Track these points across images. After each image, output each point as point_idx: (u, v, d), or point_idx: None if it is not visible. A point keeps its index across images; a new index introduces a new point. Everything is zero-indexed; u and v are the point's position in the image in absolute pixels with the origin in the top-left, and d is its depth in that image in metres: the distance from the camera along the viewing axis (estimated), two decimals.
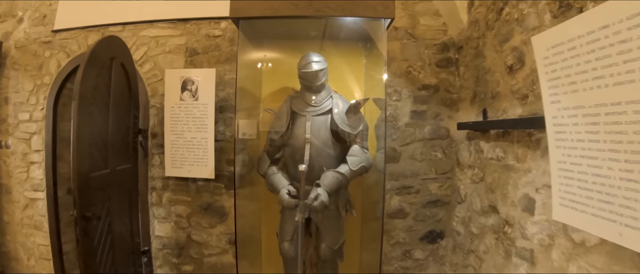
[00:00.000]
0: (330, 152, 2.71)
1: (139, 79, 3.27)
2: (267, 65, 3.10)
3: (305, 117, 2.71)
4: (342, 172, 2.60)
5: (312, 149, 2.66)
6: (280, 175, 2.71)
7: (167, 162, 3.17)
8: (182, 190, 3.27)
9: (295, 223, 2.64)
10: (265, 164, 2.77)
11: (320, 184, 2.57)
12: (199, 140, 3.13)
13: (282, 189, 2.60)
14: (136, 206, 3.13)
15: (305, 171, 2.51)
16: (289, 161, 2.78)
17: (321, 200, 2.51)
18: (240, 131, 2.86)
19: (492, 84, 2.53)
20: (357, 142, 2.71)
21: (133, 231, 3.03)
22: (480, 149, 2.70)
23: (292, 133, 2.74)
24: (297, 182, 2.63)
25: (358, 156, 2.66)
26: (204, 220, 3.26)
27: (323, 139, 2.69)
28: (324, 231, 2.72)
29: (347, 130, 2.67)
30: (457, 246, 3.05)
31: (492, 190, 2.51)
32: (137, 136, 3.11)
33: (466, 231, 2.89)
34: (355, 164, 2.64)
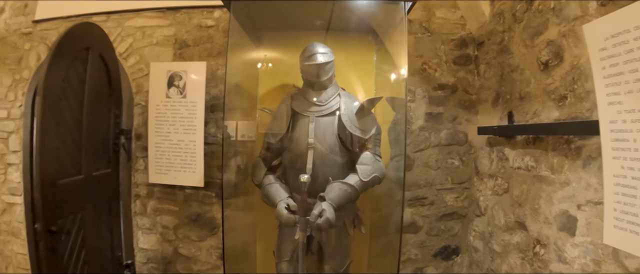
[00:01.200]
0: (337, 159, 2.40)
1: (122, 73, 3.00)
2: (266, 64, 2.83)
3: (308, 118, 2.41)
4: (351, 184, 2.29)
5: (316, 156, 2.36)
6: (277, 185, 2.41)
7: (151, 168, 2.90)
8: (168, 199, 3.01)
9: (295, 242, 2.33)
10: (260, 173, 2.48)
11: (325, 198, 2.25)
12: (186, 143, 2.85)
13: (280, 203, 2.29)
14: (117, 216, 2.86)
15: (308, 182, 2.17)
16: (289, 170, 2.48)
17: (326, 217, 2.17)
18: (235, 132, 2.59)
19: (520, 84, 2.30)
20: (368, 148, 2.39)
21: (113, 244, 2.76)
22: (504, 157, 2.45)
23: (292, 137, 2.43)
24: (298, 194, 2.30)
25: (370, 164, 2.35)
26: (193, 232, 2.99)
27: (329, 144, 2.38)
28: (329, 251, 2.42)
29: (357, 134, 2.36)
30: (474, 263, 2.81)
31: (519, 204, 2.27)
32: (118, 138, 2.84)
33: (486, 247, 2.65)
34: (367, 174, 2.32)
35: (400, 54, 2.35)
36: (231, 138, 2.68)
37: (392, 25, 2.47)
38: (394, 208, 2.76)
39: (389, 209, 2.75)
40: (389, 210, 2.76)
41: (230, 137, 2.67)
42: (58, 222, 2.01)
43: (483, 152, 2.73)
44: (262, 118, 2.67)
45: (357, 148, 2.43)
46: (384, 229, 2.69)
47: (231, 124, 2.68)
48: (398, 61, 2.41)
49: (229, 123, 2.65)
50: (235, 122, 2.71)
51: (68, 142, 2.16)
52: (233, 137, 2.69)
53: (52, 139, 1.98)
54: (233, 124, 2.69)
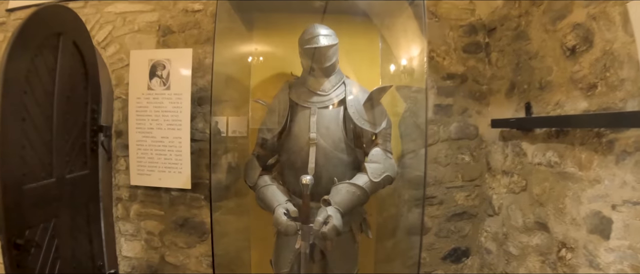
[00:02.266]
0: (343, 157, 2.18)
1: (101, 64, 2.78)
2: (259, 53, 2.61)
3: (309, 110, 2.19)
4: (359, 185, 2.07)
5: (319, 154, 2.14)
6: (274, 187, 2.19)
7: (133, 168, 2.69)
8: (152, 202, 2.79)
9: (295, 251, 2.11)
10: (254, 173, 2.26)
11: (331, 202, 2.03)
12: (171, 140, 2.63)
13: (277, 208, 2.06)
14: (97, 222, 2.65)
15: (311, 184, 1.96)
16: (287, 169, 2.27)
17: (333, 225, 1.94)
18: (226, 127, 2.39)
19: (540, 72, 2.14)
20: (378, 144, 2.19)
21: (94, 252, 2.55)
22: (521, 152, 2.29)
23: (291, 132, 2.21)
24: (299, 197, 2.11)
25: (380, 162, 2.14)
26: (180, 239, 2.77)
27: (333, 140, 2.16)
28: (334, 261, 2.21)
29: (366, 127, 2.16)
30: (485, 265, 2.67)
31: (540, 203, 2.11)
32: (97, 135, 2.62)
33: (500, 249, 2.50)
34: (378, 173, 2.11)
35: (415, 36, 2.16)
36: (221, 134, 2.48)
37: (400, 5, 2.28)
38: (401, 208, 2.63)
39: (397, 210, 2.60)
40: (396, 211, 2.60)
41: (221, 133, 2.48)
42: (25, 233, 1.79)
43: (496, 146, 2.57)
44: (255, 111, 2.46)
45: (365, 144, 2.22)
46: (392, 232, 2.54)
47: (221, 119, 2.48)
48: (407, 45, 2.22)
49: (219, 118, 2.45)
50: (226, 117, 2.51)
51: (36, 141, 1.94)
52: (224, 133, 2.49)
53: (16, 137, 1.76)
54: (223, 119, 2.49)
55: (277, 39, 2.65)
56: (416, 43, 2.16)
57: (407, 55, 2.31)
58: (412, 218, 2.67)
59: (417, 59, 2.26)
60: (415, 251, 2.68)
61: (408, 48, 2.28)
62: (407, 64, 2.41)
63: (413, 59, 2.30)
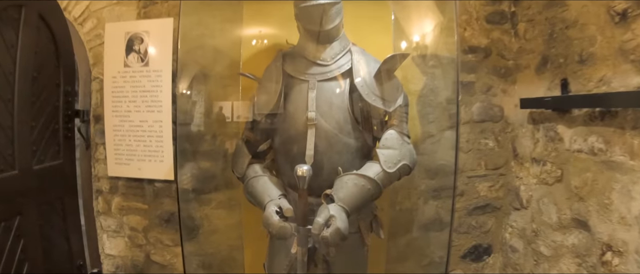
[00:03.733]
0: (350, 142, 1.87)
1: (77, 41, 2.59)
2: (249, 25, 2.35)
3: (307, 83, 1.87)
4: (369, 176, 1.76)
5: (320, 137, 1.83)
6: (266, 179, 1.92)
7: (110, 157, 2.49)
8: (135, 194, 2.59)
9: (291, 256, 1.87)
10: (243, 162, 1.99)
11: (334, 198, 1.74)
12: (150, 124, 2.42)
13: (269, 205, 1.77)
14: (75, 217, 2.46)
15: (309, 176, 1.69)
16: (282, 157, 1.98)
17: (336, 228, 1.63)
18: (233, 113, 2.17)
19: (579, 43, 1.89)
20: (393, 125, 1.87)
21: (73, 251, 2.38)
22: (557, 137, 2.05)
23: (286, 110, 1.92)
24: (295, 191, 1.84)
25: (396, 148, 1.83)
26: (166, 235, 2.58)
27: (337, 120, 1.85)
28: (339, 268, 1.91)
29: (378, 105, 1.83)
30: (509, 265, 2.46)
31: (580, 197, 1.88)
32: (72, 121, 2.42)
33: (527, 248, 2.29)
34: (392, 161, 1.80)
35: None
36: (227, 120, 2.26)
37: None
38: (416, 200, 2.42)
39: (411, 203, 2.39)
40: (410, 202, 2.39)
41: (226, 119, 2.26)
42: None
43: (524, 130, 2.33)
44: (246, 90, 2.21)
45: (375, 126, 1.92)
46: (406, 228, 2.34)
47: (226, 104, 2.32)
48: (427, 7, 1.94)
49: (223, 103, 2.28)
50: (231, 102, 2.32)
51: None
52: (229, 119, 2.28)
53: None
54: (228, 104, 2.33)
55: (269, 6, 2.36)
56: (438, 4, 1.87)
57: (427, 20, 2.03)
58: (429, 212, 2.48)
59: (438, 25, 1.96)
60: (431, 249, 2.52)
61: (427, 11, 1.99)
62: (426, 31, 2.13)
63: (434, 24, 2.01)
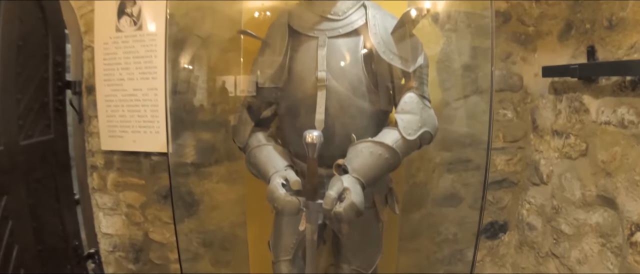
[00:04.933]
0: (364, 105, 1.75)
1: (67, 8, 2.49)
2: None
3: (316, 40, 1.73)
4: (387, 144, 1.63)
5: (331, 101, 1.70)
6: (270, 148, 1.80)
7: (103, 130, 2.44)
8: (131, 169, 2.55)
9: (299, 234, 1.80)
10: (245, 130, 1.87)
11: (348, 168, 1.62)
12: (145, 93, 2.35)
13: (274, 177, 1.66)
14: (69, 195, 2.42)
15: (319, 143, 1.54)
16: (288, 124, 1.87)
17: (351, 202, 1.50)
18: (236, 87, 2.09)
19: (608, 7, 1.80)
20: (412, 88, 1.73)
21: (67, 231, 2.34)
22: (582, 108, 1.97)
23: (292, 72, 1.79)
24: (304, 162, 1.72)
25: (417, 113, 1.69)
26: (165, 212, 2.55)
27: (350, 81, 1.72)
28: (351, 246, 1.86)
29: (396, 64, 1.69)
30: (526, 243, 2.42)
31: (607, 172, 1.81)
32: (62, 92, 2.35)
33: (547, 226, 2.24)
34: (413, 128, 1.67)
35: None
36: (229, 94, 2.18)
37: None
38: (430, 173, 2.38)
39: (425, 175, 2.34)
40: (425, 176, 2.35)
41: (229, 94, 2.17)
42: None
43: (544, 101, 2.26)
44: (248, 53, 2.08)
45: (392, 89, 1.80)
46: (419, 203, 2.32)
47: (229, 78, 2.16)
48: None
49: (226, 77, 2.15)
50: (234, 76, 2.16)
51: None
52: (232, 93, 2.18)
53: None
54: (231, 79, 2.16)
55: None
56: None
57: None
58: (444, 186, 2.45)
59: None
60: (446, 225, 2.51)
61: None
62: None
63: None
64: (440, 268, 2.55)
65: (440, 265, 2.55)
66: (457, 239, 2.51)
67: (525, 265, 2.40)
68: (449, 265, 2.54)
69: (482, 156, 2.38)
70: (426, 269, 2.52)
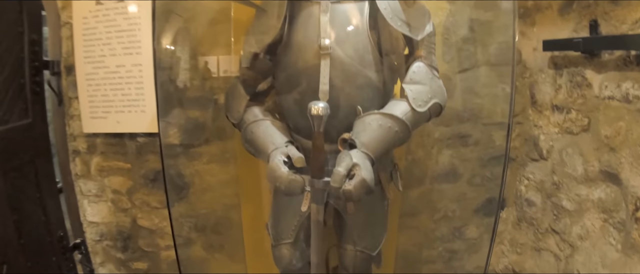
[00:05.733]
0: (371, 75, 1.70)
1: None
2: None
3: (318, 5, 1.66)
4: (397, 116, 1.59)
5: (336, 70, 1.63)
6: (268, 123, 1.74)
7: (84, 111, 2.38)
8: (116, 152, 2.51)
9: (301, 215, 1.77)
10: (239, 104, 1.80)
11: (356, 143, 1.57)
12: (128, 69, 2.30)
13: (274, 154, 1.60)
14: (51, 183, 2.38)
15: (326, 114, 1.47)
16: (287, 97, 1.80)
17: (361, 179, 1.45)
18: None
19: None
20: (420, 57, 1.70)
21: (50, 221, 2.30)
22: (584, 83, 2.01)
23: (291, 40, 1.73)
24: (305, 138, 1.72)
25: (426, 83, 1.66)
26: (153, 197, 2.53)
27: (356, 49, 1.66)
28: (357, 225, 1.84)
29: (405, 31, 1.67)
30: (524, 220, 2.49)
31: (611, 148, 1.85)
32: (40, 73, 2.28)
33: (547, 202, 2.30)
34: (423, 99, 1.64)
35: None
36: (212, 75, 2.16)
37: None
38: (429, 149, 2.41)
39: (425, 151, 2.38)
40: (424, 151, 2.39)
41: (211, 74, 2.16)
42: None
43: (543, 76, 2.30)
44: (240, 24, 2.04)
45: (397, 60, 1.76)
46: (419, 180, 2.37)
47: (211, 59, 2.20)
48: None
49: (208, 58, 2.14)
50: (216, 56, 2.21)
51: None
52: (214, 74, 2.20)
53: None
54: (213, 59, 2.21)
55: None
56: None
57: None
58: (443, 162, 2.50)
59: None
60: (444, 202, 2.58)
61: None
62: None
63: None
64: (439, 246, 2.62)
65: (439, 242, 2.62)
66: (455, 216, 2.58)
67: (523, 241, 2.47)
68: (448, 242, 2.62)
69: (481, 131, 2.48)
70: (426, 245, 2.58)
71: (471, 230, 2.62)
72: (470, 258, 2.65)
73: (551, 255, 2.24)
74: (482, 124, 2.46)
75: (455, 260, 2.65)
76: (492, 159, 2.49)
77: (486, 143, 2.48)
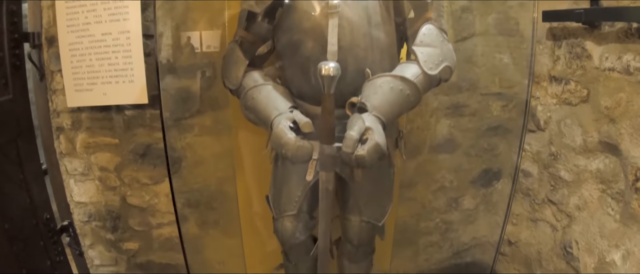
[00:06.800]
0: (380, 36, 1.70)
1: None
2: None
3: None
4: (408, 78, 1.59)
5: (343, 30, 1.61)
6: (270, 88, 1.73)
7: (68, 84, 2.32)
8: (103, 127, 2.47)
9: (305, 184, 1.75)
10: (237, 69, 1.78)
11: (367, 106, 1.55)
12: (115, 37, 2.24)
13: (279, 120, 1.60)
14: (35, 163, 2.31)
15: (337, 74, 1.45)
16: (291, 60, 1.77)
17: (375, 143, 1.45)
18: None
19: None
20: (430, 19, 1.70)
21: (35, 204, 2.24)
22: (584, 54, 2.09)
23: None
24: (309, 102, 1.71)
25: (437, 45, 1.66)
26: (143, 173, 2.53)
27: (364, 8, 1.67)
28: (363, 194, 1.85)
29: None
30: (520, 191, 2.59)
31: (611, 119, 1.94)
32: (19, 46, 2.20)
33: (543, 173, 2.40)
34: (434, 61, 1.64)
35: None
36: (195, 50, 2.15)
37: None
38: (428, 118, 2.47)
39: (423, 120, 2.44)
40: (423, 121, 2.45)
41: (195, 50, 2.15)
42: None
43: (541, 47, 2.37)
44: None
45: (401, 24, 1.78)
46: (417, 150, 2.44)
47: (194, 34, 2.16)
48: None
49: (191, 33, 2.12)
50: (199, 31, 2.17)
51: None
52: (197, 50, 2.17)
53: None
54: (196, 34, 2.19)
55: None
56: None
57: None
58: (441, 132, 2.56)
59: None
60: (442, 173, 2.66)
61: None
62: None
63: None
64: (436, 216, 2.71)
65: (436, 214, 2.71)
66: (452, 187, 2.68)
67: (519, 212, 2.58)
68: (445, 214, 2.72)
69: (478, 101, 2.56)
70: (423, 216, 2.67)
71: (468, 201, 2.72)
72: (467, 230, 2.76)
73: (547, 226, 2.36)
74: (479, 95, 2.53)
75: (452, 231, 2.75)
76: (489, 130, 2.58)
77: (483, 114, 2.56)
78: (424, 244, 2.77)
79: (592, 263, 2.03)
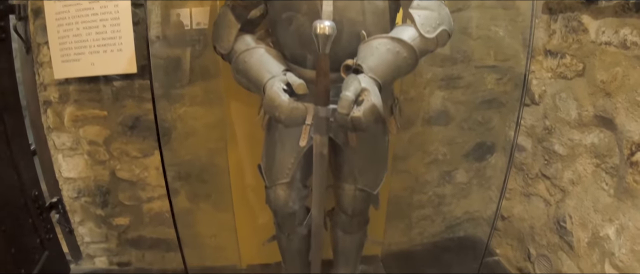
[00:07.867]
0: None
1: None
2: None
3: None
4: (406, 41, 1.56)
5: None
6: (262, 52, 1.72)
7: (55, 55, 2.29)
8: (91, 99, 2.47)
9: (298, 151, 1.78)
10: (229, 33, 1.77)
11: (363, 68, 1.53)
12: (103, 5, 2.22)
13: (272, 82, 1.58)
14: (22, 139, 2.36)
15: (333, 33, 1.42)
16: (284, 23, 1.73)
17: (371, 104, 1.42)
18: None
19: None
20: None
21: (23, 180, 2.29)
22: (580, 28, 2.13)
23: None
24: (302, 66, 1.70)
25: (434, 9, 1.64)
26: (132, 145, 2.54)
27: None
28: (358, 161, 1.86)
29: None
30: (513, 165, 2.66)
31: (607, 93, 1.99)
32: (5, 18, 2.22)
33: (537, 147, 2.47)
34: (431, 25, 1.61)
35: None
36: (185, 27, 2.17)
37: None
38: (421, 90, 2.49)
39: (416, 91, 2.46)
40: (416, 92, 2.47)
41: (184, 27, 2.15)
42: None
43: (537, 21, 2.40)
44: None
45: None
46: (409, 121, 2.47)
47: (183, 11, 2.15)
48: None
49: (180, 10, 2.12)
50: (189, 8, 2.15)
51: None
52: (187, 27, 2.17)
53: None
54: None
55: None
56: None
57: None
58: (435, 104, 2.60)
59: None
60: (435, 145, 2.70)
61: None
62: None
63: None
64: (428, 189, 2.77)
65: (429, 187, 2.77)
66: (446, 160, 2.73)
67: (512, 187, 2.65)
68: (438, 187, 2.77)
69: (473, 73, 2.58)
70: (416, 190, 2.72)
71: (461, 175, 2.79)
72: (460, 204, 2.83)
73: (541, 200, 2.43)
74: (473, 67, 2.57)
75: (444, 205, 2.82)
76: (483, 103, 2.64)
77: (477, 86, 2.60)
78: (417, 218, 2.84)
79: (586, 237, 2.09)
